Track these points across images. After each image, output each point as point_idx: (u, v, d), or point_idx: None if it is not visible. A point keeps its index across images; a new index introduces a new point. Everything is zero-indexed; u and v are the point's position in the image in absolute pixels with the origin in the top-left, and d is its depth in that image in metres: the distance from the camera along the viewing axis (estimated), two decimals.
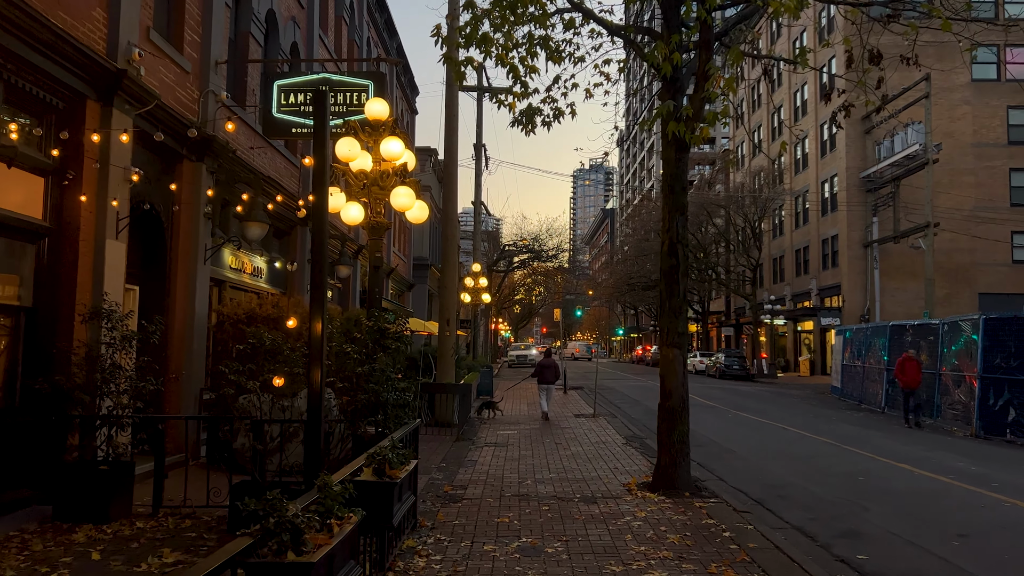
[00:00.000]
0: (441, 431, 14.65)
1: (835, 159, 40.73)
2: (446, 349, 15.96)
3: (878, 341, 23.50)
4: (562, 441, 13.94)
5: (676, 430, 8.95)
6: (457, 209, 16.52)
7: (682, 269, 9.23)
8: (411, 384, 8.00)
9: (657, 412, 9.32)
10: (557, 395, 24.98)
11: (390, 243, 27.01)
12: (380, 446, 5.15)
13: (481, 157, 32.73)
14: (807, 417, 19.96)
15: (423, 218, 8.85)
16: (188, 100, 10.78)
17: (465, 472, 10.67)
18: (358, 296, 21.53)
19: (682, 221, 9.30)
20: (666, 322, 9.18)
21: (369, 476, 4.74)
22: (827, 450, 13.69)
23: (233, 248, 12.81)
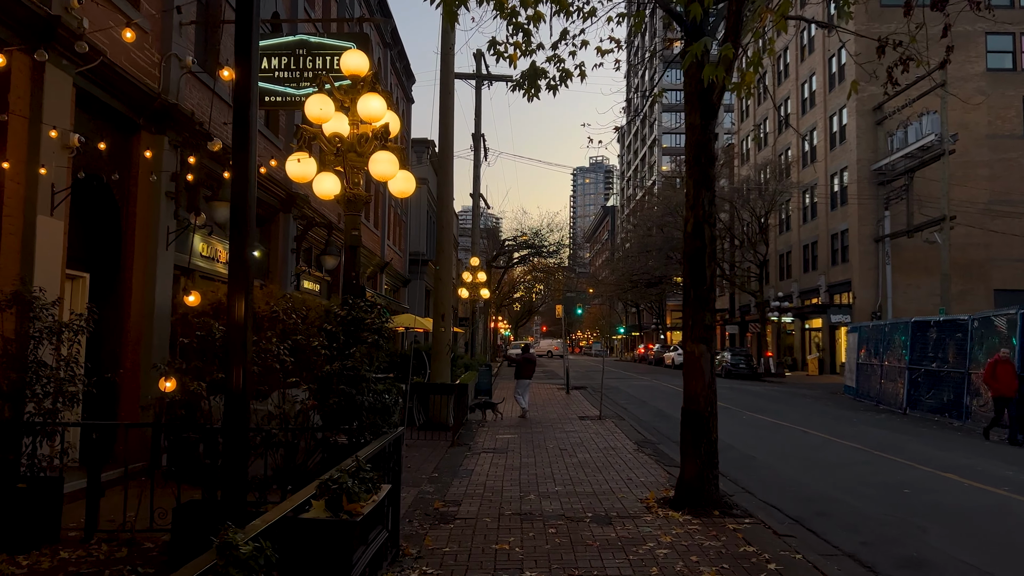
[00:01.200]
0: (435, 435, 13.43)
1: (845, 151, 39.50)
2: (440, 347, 14.74)
3: (898, 338, 22.27)
4: (567, 447, 12.71)
5: (703, 439, 7.73)
6: (453, 193, 15.28)
7: (710, 252, 8.02)
8: (391, 386, 6.76)
9: (680, 418, 8.09)
10: (560, 395, 23.75)
11: (384, 236, 25.78)
12: (340, 469, 3.92)
13: (480, 148, 31.48)
14: (825, 419, 18.74)
15: (408, 190, 7.62)
16: (147, 63, 9.55)
17: (460, 484, 9.44)
18: None
19: (709, 197, 8.08)
20: (690, 313, 7.96)
21: (320, 512, 3.52)
22: (857, 457, 12.46)
23: (204, 234, 11.59)
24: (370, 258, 23.35)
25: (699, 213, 8.04)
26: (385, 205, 26.07)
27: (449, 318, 15.10)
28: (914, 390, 20.67)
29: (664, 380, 35.46)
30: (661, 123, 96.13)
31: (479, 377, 22.70)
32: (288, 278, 14.77)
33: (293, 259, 15.03)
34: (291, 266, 14.89)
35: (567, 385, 25.21)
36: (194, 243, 11.50)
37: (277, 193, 14.14)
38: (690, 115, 8.17)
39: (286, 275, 14.72)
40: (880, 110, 37.55)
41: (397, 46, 27.52)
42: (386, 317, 6.94)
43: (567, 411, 18.97)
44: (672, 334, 74.81)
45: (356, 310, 6.58)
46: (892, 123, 36.82)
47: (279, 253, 14.61)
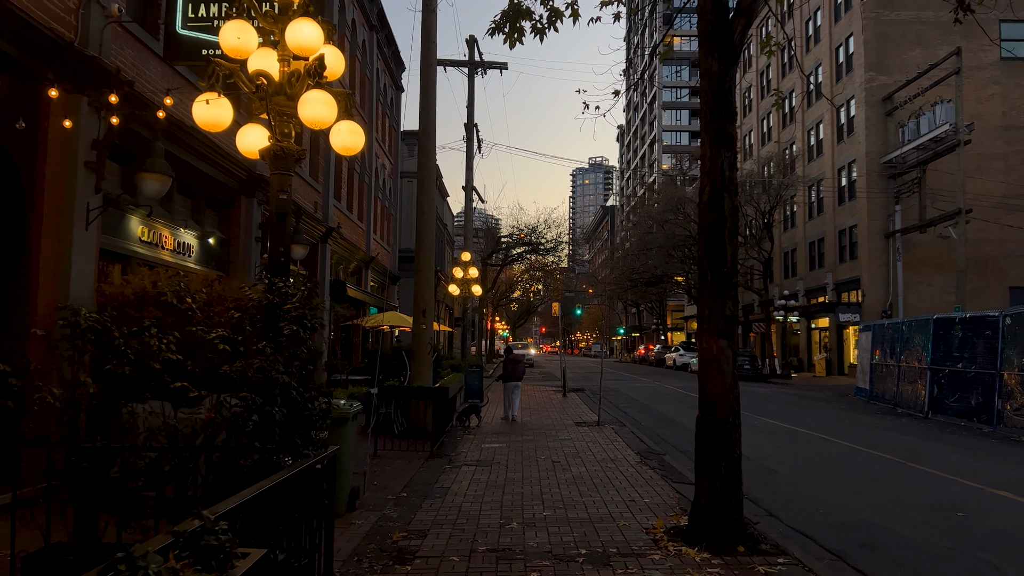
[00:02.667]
0: (415, 444, 11.93)
1: (853, 144, 38.03)
2: (421, 346, 13.25)
3: (918, 337, 20.78)
4: (561, 458, 11.22)
5: (724, 457, 6.24)
6: (434, 163, 13.77)
7: (731, 226, 6.54)
8: (323, 398, 5.28)
9: (695, 429, 6.60)
10: (556, 398, 22.27)
11: (369, 229, 24.29)
12: (177, 531, 2.42)
13: (472, 138, 30.00)
14: (843, 424, 17.25)
15: (355, 146, 6.13)
16: (59, 9, 8.05)
17: (430, 507, 7.95)
18: (328, 286, 18.81)
19: (729, 159, 6.60)
20: (708, 301, 6.48)
21: None
22: (890, 469, 10.97)
23: (143, 215, 10.10)
24: (353, 252, 21.88)
25: (717, 179, 6.56)
26: (370, 196, 24.59)
27: (431, 314, 13.62)
28: (937, 392, 19.18)
29: (666, 382, 33.96)
30: (661, 121, 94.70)
31: (469, 379, 21.22)
32: (252, 270, 13.27)
33: (258, 249, 13.55)
34: (255, 256, 13.41)
35: (564, 387, 23.72)
36: (131, 226, 10.02)
37: (237, 174, 12.66)
38: (706, 60, 6.69)
39: (249, 266, 13.23)
40: (890, 100, 36.07)
41: (384, 29, 26.05)
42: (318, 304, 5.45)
43: (563, 416, 17.48)
44: (673, 335, 73.31)
45: (274, 293, 5.09)
46: (903, 114, 35.34)
47: (241, 242, 13.12)
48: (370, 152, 24.41)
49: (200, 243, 11.97)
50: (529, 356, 53.75)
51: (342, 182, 21.00)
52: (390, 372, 15.39)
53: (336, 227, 19.12)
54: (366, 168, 23.88)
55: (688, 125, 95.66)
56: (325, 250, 18.50)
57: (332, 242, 19.09)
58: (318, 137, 18.32)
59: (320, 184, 18.47)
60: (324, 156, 18.74)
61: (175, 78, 10.61)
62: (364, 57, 23.76)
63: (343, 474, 7.42)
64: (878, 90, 36.51)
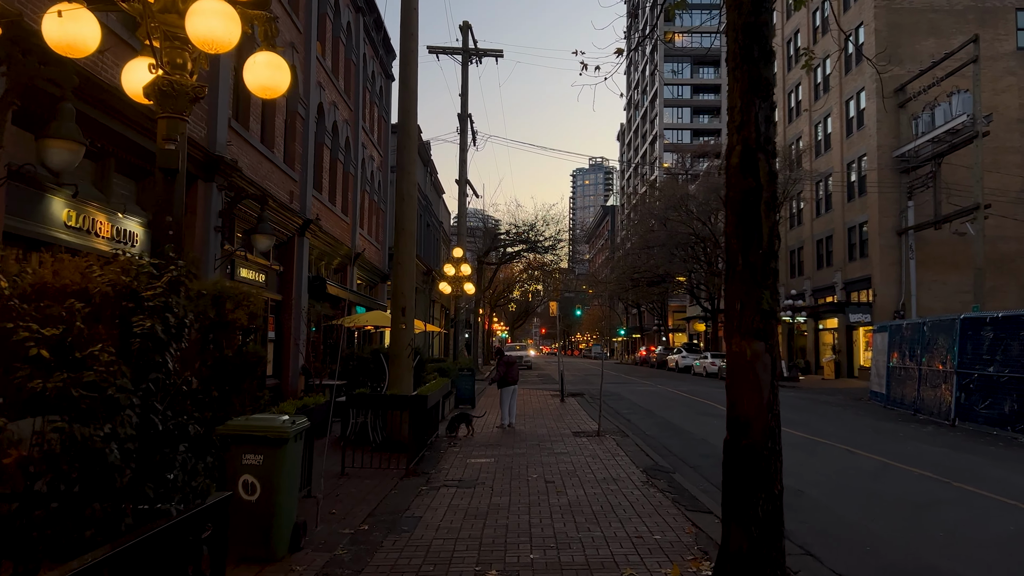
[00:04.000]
0: (392, 459, 10.49)
1: (864, 137, 36.59)
2: (400, 348, 11.81)
3: (942, 339, 19.33)
4: (555, 477, 9.78)
5: (762, 492, 4.82)
6: (416, 144, 12.31)
7: (768, 196, 5.11)
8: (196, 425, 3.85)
9: (723, 455, 5.16)
10: (553, 403, 20.83)
11: (355, 224, 22.86)
12: None
13: (467, 129, 28.58)
14: (865, 432, 15.82)
15: (276, 86, 4.75)
16: None
17: (393, 545, 6.52)
18: (305, 283, 17.37)
19: (766, 111, 5.19)
20: (740, 291, 5.04)
21: None
22: (934, 490, 9.54)
23: (68, 196, 8.67)
24: (336, 247, 20.44)
25: (750, 135, 5.13)
26: (356, 189, 23.15)
27: (412, 312, 12.18)
28: (965, 398, 17.74)
29: (669, 385, 32.52)
30: (663, 119, 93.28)
31: (461, 384, 19.81)
32: (210, 263, 11.85)
33: (218, 239, 12.12)
34: (214, 247, 11.98)
35: (562, 392, 22.28)
36: (53, 208, 8.58)
37: (194, 155, 11.22)
38: None
39: (207, 258, 11.80)
40: (903, 92, 34.64)
41: (372, 13, 24.62)
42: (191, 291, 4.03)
43: (560, 424, 16.04)
44: (674, 336, 71.87)
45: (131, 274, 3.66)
46: (916, 105, 33.92)
47: (197, 232, 11.68)
48: (356, 142, 22.98)
49: (147, 232, 10.54)
50: (527, 357, 52.28)
51: (323, 171, 19.56)
52: (370, 377, 13.97)
53: (315, 219, 17.69)
54: (351, 158, 22.45)
55: (690, 123, 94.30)
56: (302, 244, 17.07)
57: (311, 235, 17.66)
58: (294, 122, 16.90)
59: (297, 172, 17.04)
60: (301, 142, 17.31)
61: (108, 37, 9.17)
62: (349, 40, 22.33)
63: (280, 509, 6.00)
64: (890, 81, 35.04)
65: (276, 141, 15.77)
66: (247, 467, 5.98)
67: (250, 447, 5.99)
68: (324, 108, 19.18)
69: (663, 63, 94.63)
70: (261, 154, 14.68)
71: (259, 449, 5.98)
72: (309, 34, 17.54)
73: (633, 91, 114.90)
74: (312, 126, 17.99)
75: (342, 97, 21.36)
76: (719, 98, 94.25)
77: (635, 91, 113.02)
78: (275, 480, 5.98)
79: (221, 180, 12.16)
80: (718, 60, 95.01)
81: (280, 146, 16.11)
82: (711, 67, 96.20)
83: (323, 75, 19.12)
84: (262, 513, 5.94)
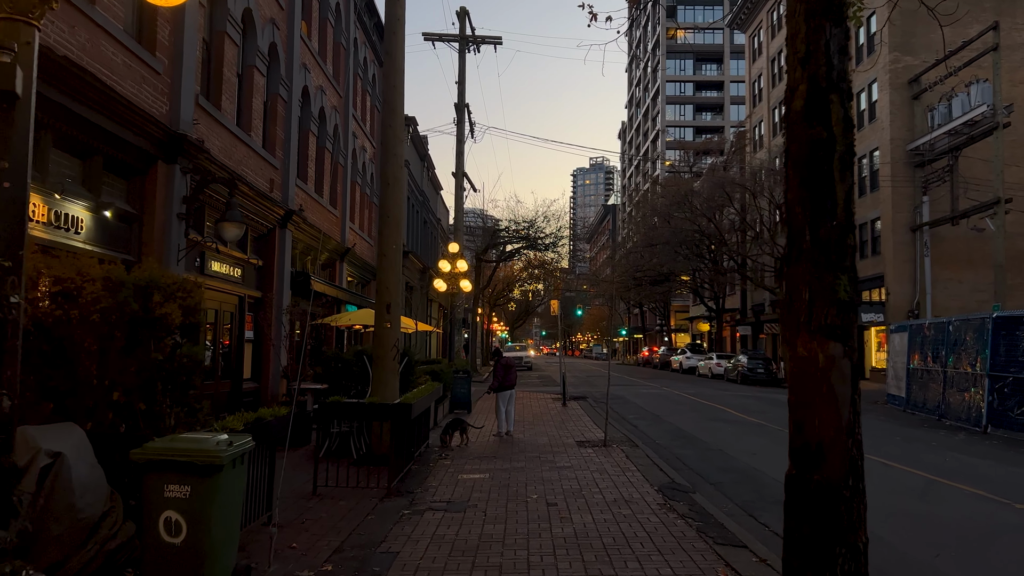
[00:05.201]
0: (373, 474, 9.24)
1: (875, 131, 35.31)
2: (384, 350, 10.55)
3: (970, 339, 18.06)
4: (558, 498, 8.52)
5: (843, 544, 3.56)
6: (402, 122, 11.01)
7: (842, 150, 3.86)
8: None
9: (785, 492, 3.89)
10: (554, 408, 19.57)
11: (345, 217, 21.61)
12: None
13: (464, 120, 27.34)
14: (894, 441, 14.57)
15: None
16: None
17: None
18: (288, 279, 16.12)
19: (839, 39, 3.92)
20: (804, 278, 3.80)
21: None
22: (997, 514, 8.28)
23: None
24: (324, 242, 19.19)
25: (819, 71, 3.88)
26: (347, 181, 21.90)
27: (398, 309, 10.92)
28: (998, 403, 16.49)
29: (675, 387, 31.27)
30: (665, 116, 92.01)
31: (457, 387, 18.56)
32: (172, 254, 10.60)
33: (181, 228, 10.86)
34: (177, 237, 10.72)
35: (563, 395, 21.03)
36: None
37: (149, 131, 9.98)
38: None
39: (169, 250, 10.55)
40: (917, 82, 33.38)
41: None
42: None
43: (562, 432, 14.78)
44: (677, 336, 70.59)
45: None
46: (932, 97, 32.62)
47: (156, 219, 10.43)
48: (346, 131, 21.73)
49: (96, 218, 9.29)
50: (527, 358, 51.00)
51: (309, 160, 18.30)
52: (354, 381, 12.72)
53: (298, 210, 16.43)
54: (341, 148, 21.19)
55: (692, 120, 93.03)
56: (284, 236, 15.82)
57: (294, 228, 16.41)
58: (275, 104, 15.66)
59: (278, 159, 15.79)
60: (283, 127, 16.06)
61: None
62: (338, 23, 21.08)
63: (214, 553, 4.74)
64: (903, 72, 33.81)
65: (254, 124, 14.52)
66: (171, 501, 4.72)
67: (175, 476, 4.73)
68: (310, 92, 17.93)
69: (665, 59, 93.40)
70: (236, 137, 13.43)
71: (186, 478, 4.73)
72: (292, 11, 16.29)
73: (635, 88, 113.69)
74: (296, 110, 16.74)
75: (330, 82, 20.11)
76: (721, 95, 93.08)
77: (637, 88, 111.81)
78: (206, 517, 4.72)
79: (185, 162, 10.91)
80: (720, 56, 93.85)
81: (259, 130, 14.86)
82: (714, 63, 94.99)
83: (309, 57, 17.87)
84: (189, 559, 4.69)
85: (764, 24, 51.09)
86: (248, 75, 14.31)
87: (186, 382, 5.52)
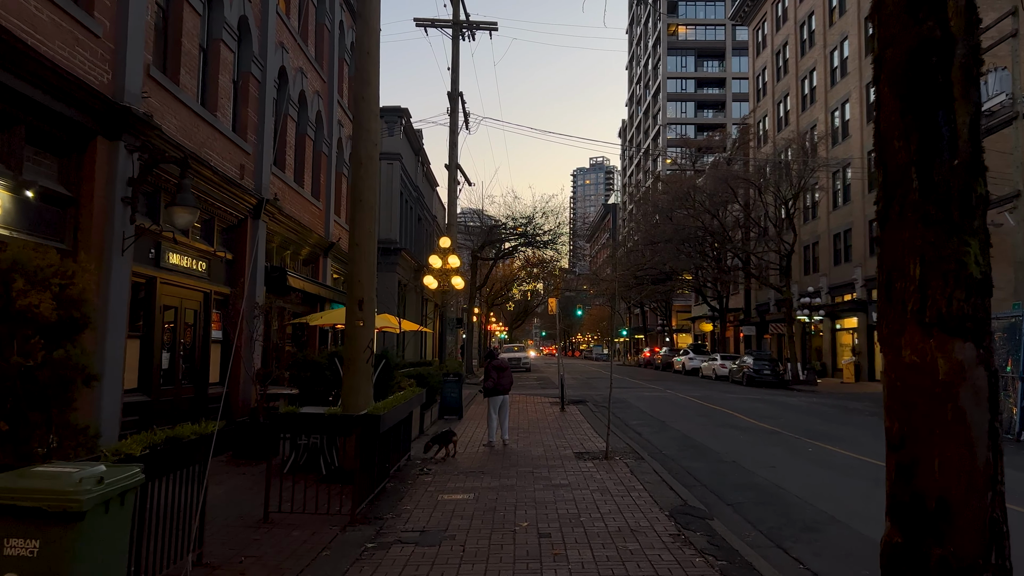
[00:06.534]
0: (338, 496, 7.96)
1: None
2: (355, 351, 9.28)
3: (1000, 339, 16.77)
4: (553, 527, 7.23)
5: None
6: (376, 86, 9.66)
7: (964, 61, 2.57)
8: None
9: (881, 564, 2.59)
10: (552, 413, 18.27)
11: (329, 210, 20.32)
12: None
13: (458, 109, 26.06)
14: None
15: None
16: None
17: None
18: (262, 274, 14.85)
19: None
20: (913, 242, 2.51)
21: None
22: None
23: None
24: (304, 235, 17.91)
25: None
26: (331, 171, 20.61)
27: (372, 305, 9.64)
28: None
29: (678, 390, 29.96)
30: (666, 113, 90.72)
31: (447, 391, 17.27)
32: (115, 243, 9.32)
33: (126, 213, 9.58)
34: (121, 223, 9.44)
35: (562, 399, 19.74)
36: None
37: (87, 102, 8.70)
38: None
39: (110, 237, 9.27)
40: None
41: None
42: None
43: (559, 441, 13.48)
44: (678, 336, 69.27)
45: None
46: None
47: (97, 203, 9.14)
48: (330, 118, 20.44)
49: (16, 199, 8.01)
50: (525, 359, 49.67)
51: (287, 147, 17.01)
52: (327, 386, 11.44)
53: (273, 199, 15.14)
54: (324, 136, 19.89)
55: (694, 118, 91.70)
56: (258, 228, 14.53)
57: (269, 219, 15.12)
58: (246, 84, 14.37)
59: (250, 144, 14.50)
60: (256, 108, 14.77)
61: None
62: (321, 3, 19.81)
63: None
64: None
65: (221, 104, 13.22)
66: (11, 562, 3.43)
67: (17, 525, 3.44)
68: (288, 73, 16.64)
69: (666, 56, 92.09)
70: (199, 117, 12.14)
71: (33, 529, 3.44)
72: None
73: (635, 86, 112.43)
74: (271, 92, 15.45)
75: (312, 65, 18.82)
76: (723, 92, 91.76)
77: (637, 85, 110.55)
78: None
79: (131, 139, 9.61)
80: (723, 53, 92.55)
81: (227, 110, 13.57)
82: (715, 60, 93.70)
83: (287, 35, 16.58)
84: None
85: (768, 17, 49.83)
86: (214, 49, 13.02)
87: (62, 396, 4.23)
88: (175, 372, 12.05)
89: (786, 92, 46.40)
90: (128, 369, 10.47)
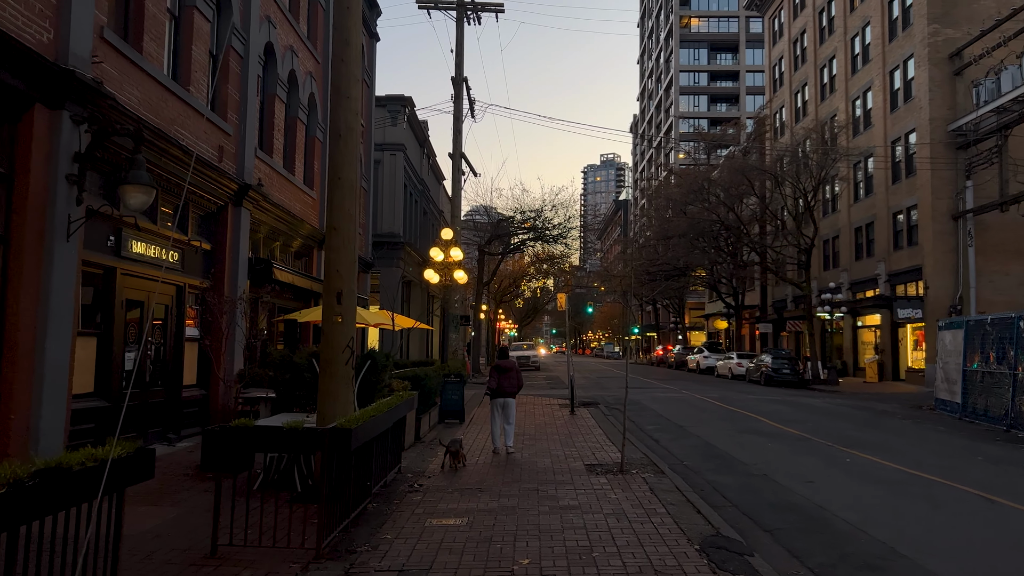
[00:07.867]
0: (307, 521, 6.73)
1: (912, 111, 32.49)
2: (333, 352, 8.04)
3: None
4: (559, 564, 5.96)
5: None
6: (358, 48, 8.38)
7: None
8: None
9: None
10: (561, 416, 16.98)
11: (323, 199, 19.08)
12: None
13: (462, 95, 24.79)
14: (972, 461, 11.95)
15: None
16: None
17: None
18: (244, 266, 13.65)
19: None
20: None
21: None
22: None
23: None
24: (296, 226, 16.71)
25: None
26: (324, 156, 19.39)
27: (352, 299, 8.40)
28: None
29: (695, 390, 28.61)
30: (678, 107, 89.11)
31: (447, 393, 16.02)
32: (60, 226, 8.12)
33: (72, 193, 8.38)
34: (65, 204, 8.24)
35: (572, 401, 18.45)
36: None
37: (22, 65, 7.50)
38: None
39: (53, 220, 8.07)
40: (959, 56, 30.56)
41: None
42: None
43: (569, 450, 12.20)
44: (692, 334, 67.77)
45: None
46: (977, 71, 29.80)
47: (35, 181, 7.94)
48: (325, 101, 19.24)
49: None
50: (534, 358, 48.38)
51: (275, 129, 15.81)
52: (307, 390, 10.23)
53: (256, 184, 13.94)
54: (317, 120, 18.67)
55: (707, 111, 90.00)
56: (240, 216, 13.34)
57: (253, 206, 13.93)
58: (227, 58, 13.16)
59: (231, 124, 13.30)
60: (238, 86, 13.57)
61: None
62: None
63: None
64: (943, 45, 30.99)
65: (195, 78, 12.03)
66: None
67: None
68: (276, 51, 15.43)
69: (679, 48, 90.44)
70: (167, 90, 10.94)
71: None
72: None
73: (647, 80, 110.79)
74: (256, 69, 14.25)
75: (305, 44, 17.60)
76: (737, 85, 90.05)
77: (649, 80, 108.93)
78: None
79: (77, 109, 8.41)
80: (736, 45, 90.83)
81: (201, 85, 12.36)
82: (729, 53, 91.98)
83: (274, 9, 15.37)
84: None
85: (786, 5, 48.27)
86: (187, 17, 11.82)
87: None
88: (143, 374, 10.87)
89: (804, 81, 44.84)
90: (82, 371, 9.30)
